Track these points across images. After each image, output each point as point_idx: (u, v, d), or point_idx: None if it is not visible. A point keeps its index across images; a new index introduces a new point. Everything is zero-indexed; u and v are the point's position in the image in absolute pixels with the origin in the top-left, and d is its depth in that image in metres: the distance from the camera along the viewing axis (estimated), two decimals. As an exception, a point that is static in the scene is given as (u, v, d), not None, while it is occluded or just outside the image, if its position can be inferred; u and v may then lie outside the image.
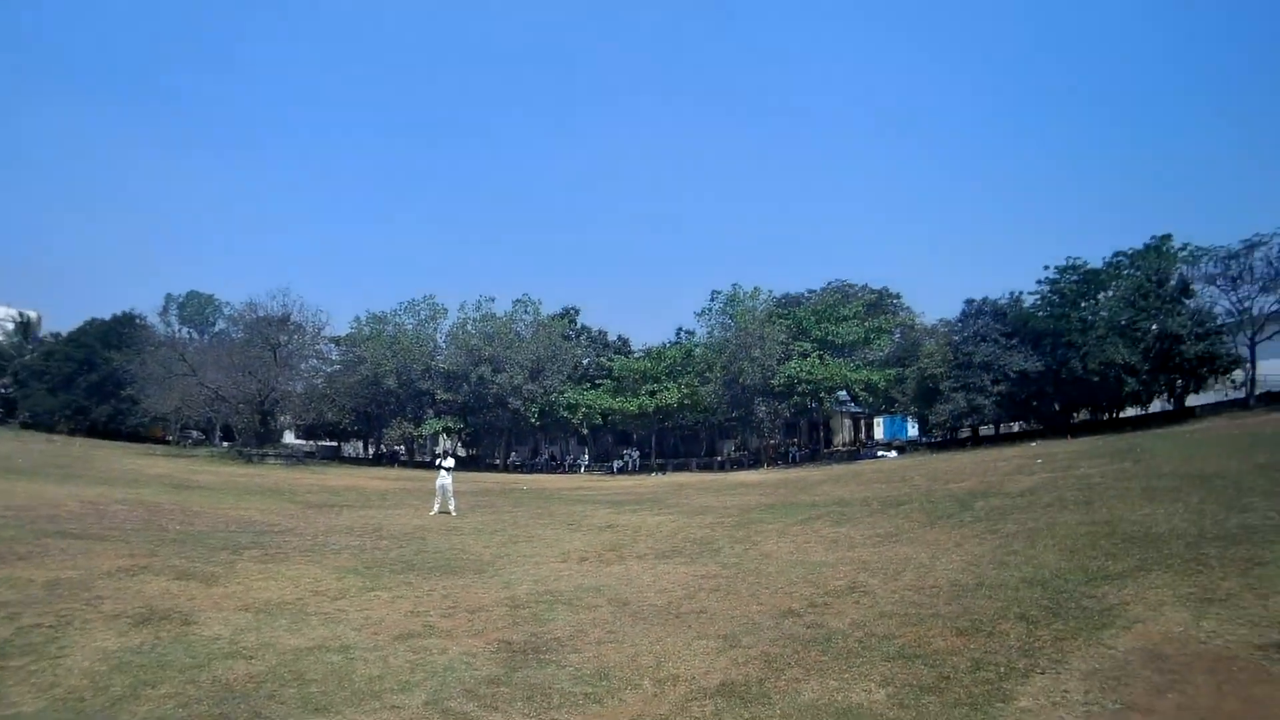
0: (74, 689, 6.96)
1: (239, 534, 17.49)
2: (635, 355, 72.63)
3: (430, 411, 66.84)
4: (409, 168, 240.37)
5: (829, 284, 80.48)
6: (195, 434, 78.57)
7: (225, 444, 69.90)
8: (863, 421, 74.83)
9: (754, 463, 59.86)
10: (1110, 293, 51.03)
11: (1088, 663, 7.31)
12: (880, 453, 55.39)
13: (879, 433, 72.99)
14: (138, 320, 73.97)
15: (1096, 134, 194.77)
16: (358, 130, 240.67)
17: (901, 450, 55.44)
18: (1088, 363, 45.54)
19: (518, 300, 71.29)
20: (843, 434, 73.11)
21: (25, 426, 68.45)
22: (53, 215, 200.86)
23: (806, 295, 77.75)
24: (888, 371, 58.56)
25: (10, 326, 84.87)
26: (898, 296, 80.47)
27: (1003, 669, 7.29)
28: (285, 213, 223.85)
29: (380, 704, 6.84)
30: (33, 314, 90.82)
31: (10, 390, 77.08)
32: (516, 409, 63.45)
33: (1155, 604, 8.85)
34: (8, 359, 77.65)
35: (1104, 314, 48.99)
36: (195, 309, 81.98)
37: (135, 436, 70.11)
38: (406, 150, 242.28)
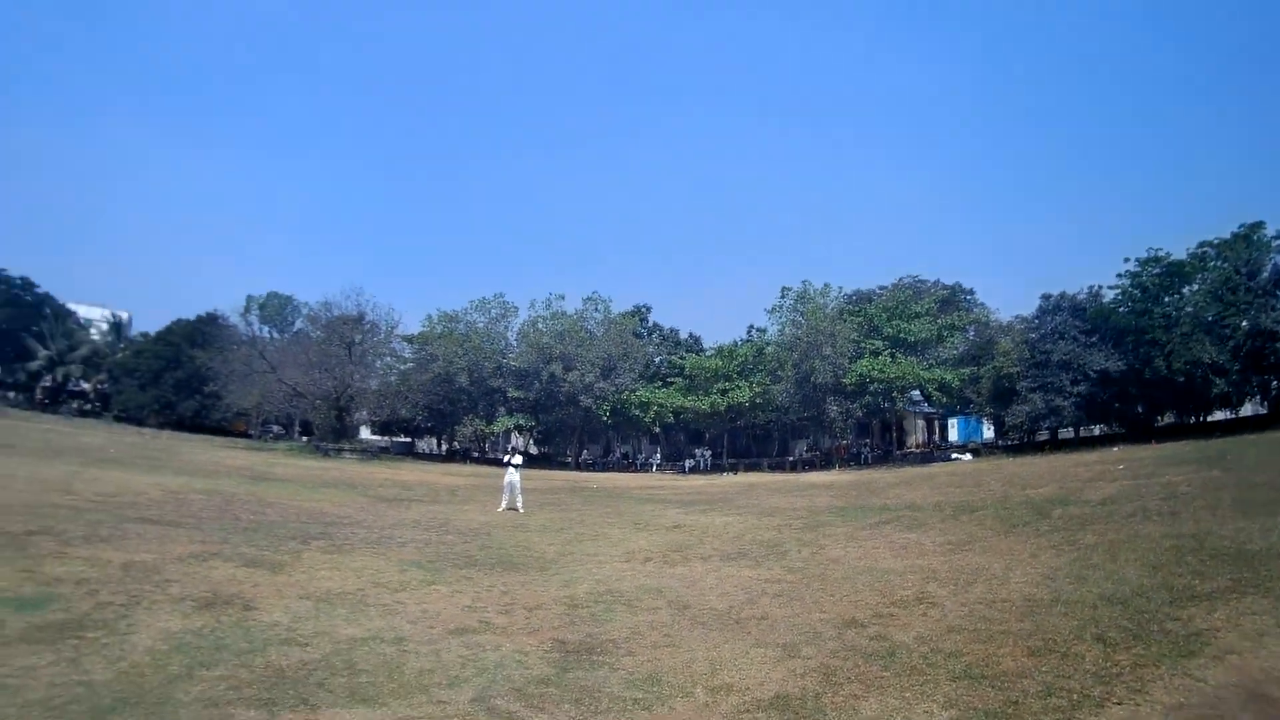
0: (137, 665, 7.08)
1: (309, 525, 17.72)
2: (707, 353, 71.93)
3: (502, 409, 67.27)
4: (474, 169, 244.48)
5: (900, 280, 79.10)
6: (275, 428, 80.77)
7: (304, 438, 71.48)
8: (936, 422, 73.09)
9: (826, 463, 58.99)
10: (1196, 286, 48.21)
11: (1172, 695, 6.75)
12: (954, 455, 54.07)
13: (953, 434, 71.27)
14: (220, 320, 76.01)
15: (1176, 118, 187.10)
16: (423, 135, 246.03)
17: (976, 453, 54.05)
18: (1172, 362, 43.50)
19: (588, 298, 71.17)
20: (916, 435, 71.58)
21: (117, 419, 71.11)
22: (142, 220, 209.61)
23: (877, 291, 76.53)
24: (961, 371, 57.08)
25: (105, 326, 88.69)
26: (971, 292, 78.84)
27: (1076, 696, 6.84)
28: (357, 215, 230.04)
29: (427, 698, 6.78)
30: (124, 314, 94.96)
31: (104, 386, 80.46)
32: (588, 407, 63.48)
33: (1253, 633, 8.14)
34: (102, 357, 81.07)
35: (1189, 309, 46.63)
36: (275, 309, 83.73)
37: (219, 430, 72.21)
38: (471, 152, 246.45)
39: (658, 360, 74.07)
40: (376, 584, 11.55)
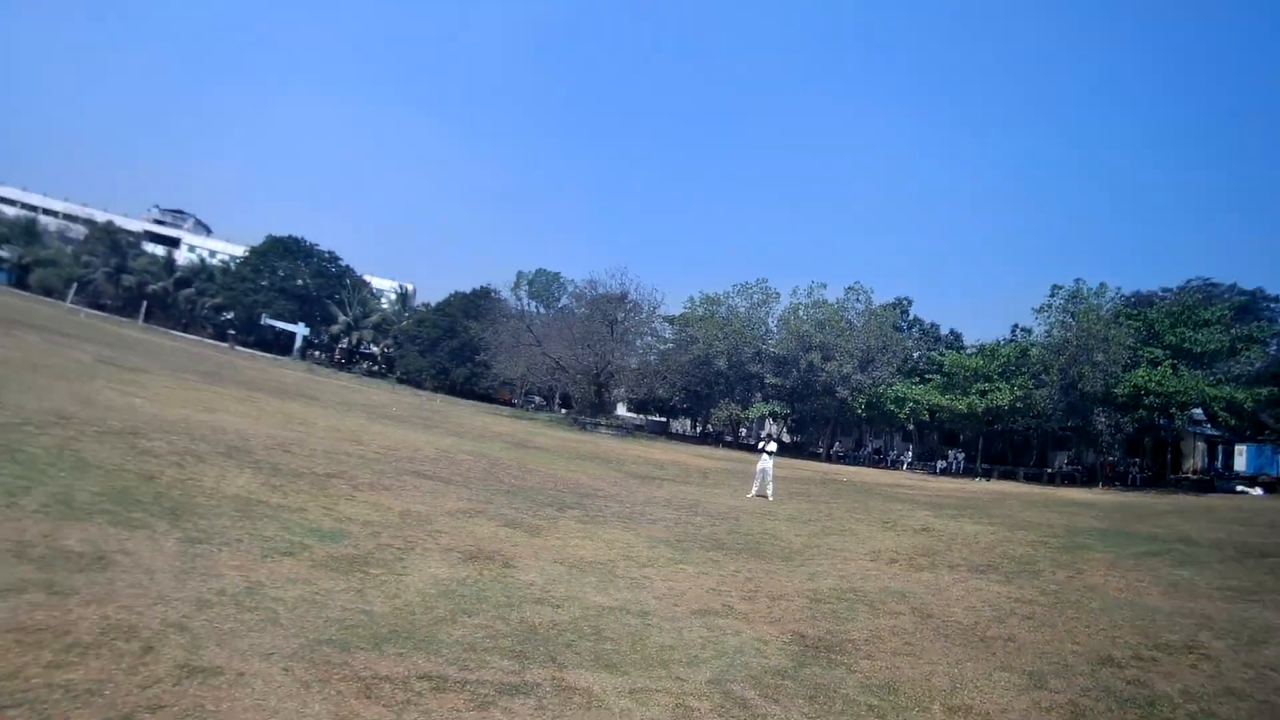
0: (409, 604, 7.79)
1: (565, 494, 18.63)
2: (967, 351, 68.72)
3: (758, 395, 67.49)
4: (737, 155, 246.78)
5: (1188, 282, 71.53)
6: (537, 399, 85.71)
7: (563, 411, 75.15)
8: (1220, 448, 65.04)
9: (1088, 480, 54.67)
10: None
11: None
12: (1241, 488, 48.13)
13: (1240, 463, 63.34)
14: (493, 294, 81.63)
15: None
16: (688, 123, 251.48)
17: (1269, 488, 47.70)
18: None
19: (849, 288, 70.11)
20: (1194, 459, 64.08)
21: (399, 381, 78.34)
22: (425, 200, 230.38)
23: (1160, 294, 69.85)
24: (1257, 390, 50.43)
25: (393, 296, 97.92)
26: (1276, 300, 70.02)
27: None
28: (624, 198, 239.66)
29: (666, 673, 6.98)
30: (409, 286, 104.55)
31: (390, 350, 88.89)
32: (844, 398, 62.62)
33: None
34: (389, 324, 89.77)
35: None
36: (542, 285, 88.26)
37: (486, 397, 77.71)
38: (734, 138, 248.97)
39: (916, 355, 71.72)
40: (626, 557, 12.00)
